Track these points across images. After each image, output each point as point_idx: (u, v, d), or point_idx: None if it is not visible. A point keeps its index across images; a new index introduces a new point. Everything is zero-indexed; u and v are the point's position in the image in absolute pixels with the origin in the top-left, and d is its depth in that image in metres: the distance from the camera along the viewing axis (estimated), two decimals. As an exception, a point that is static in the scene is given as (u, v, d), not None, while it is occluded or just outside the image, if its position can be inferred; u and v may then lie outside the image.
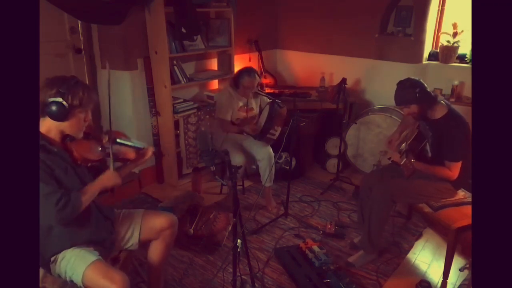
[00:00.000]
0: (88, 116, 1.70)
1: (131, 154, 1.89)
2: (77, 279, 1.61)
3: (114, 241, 1.85)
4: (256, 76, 3.13)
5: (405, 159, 2.24)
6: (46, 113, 1.59)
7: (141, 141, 1.96)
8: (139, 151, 1.91)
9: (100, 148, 1.77)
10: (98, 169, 1.83)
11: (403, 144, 2.40)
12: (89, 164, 1.75)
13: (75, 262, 1.64)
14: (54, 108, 1.57)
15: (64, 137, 1.69)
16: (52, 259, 1.68)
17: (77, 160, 1.70)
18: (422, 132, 2.48)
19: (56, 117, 1.60)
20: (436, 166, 2.33)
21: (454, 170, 2.28)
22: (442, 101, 2.36)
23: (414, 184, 2.40)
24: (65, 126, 1.65)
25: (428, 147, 2.51)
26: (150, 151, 1.95)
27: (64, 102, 1.57)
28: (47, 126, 1.64)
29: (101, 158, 1.78)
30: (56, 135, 1.67)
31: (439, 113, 2.32)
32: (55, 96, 1.56)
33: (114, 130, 1.87)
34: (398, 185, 2.43)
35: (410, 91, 2.28)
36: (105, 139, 1.82)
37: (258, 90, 3.29)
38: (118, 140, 1.85)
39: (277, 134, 3.10)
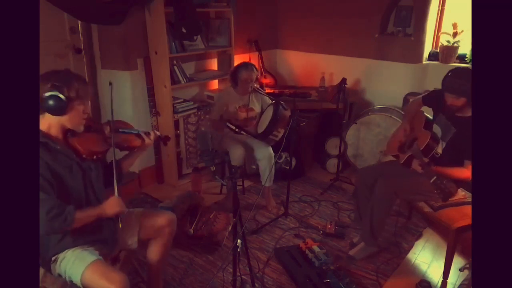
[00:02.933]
0: (87, 108, 1.68)
1: (136, 142, 1.90)
2: (77, 280, 1.61)
3: (116, 240, 1.85)
4: (254, 69, 3.09)
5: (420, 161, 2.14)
6: (45, 108, 1.56)
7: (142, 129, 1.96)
8: (143, 137, 1.92)
9: (103, 139, 1.76)
10: (104, 163, 1.84)
11: (415, 148, 2.33)
12: (95, 157, 1.74)
13: (74, 262, 1.63)
14: (51, 102, 1.54)
15: (66, 132, 1.68)
16: (53, 258, 1.68)
17: (82, 154, 1.68)
18: (434, 134, 2.38)
19: (54, 111, 1.57)
20: (454, 168, 2.26)
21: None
22: None
23: (415, 180, 2.39)
24: (65, 120, 1.63)
25: (440, 146, 2.40)
26: (153, 134, 1.95)
27: (61, 95, 1.55)
28: (47, 123, 1.62)
29: (106, 149, 1.77)
30: (58, 131, 1.66)
31: (470, 111, 2.23)
32: (50, 90, 1.53)
33: (116, 120, 1.86)
34: (400, 180, 2.43)
35: (468, 84, 2.12)
36: (107, 130, 1.81)
37: (260, 90, 3.28)
38: (120, 129, 1.86)
39: (279, 136, 3.09)
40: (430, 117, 2.57)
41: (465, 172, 2.27)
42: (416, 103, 2.65)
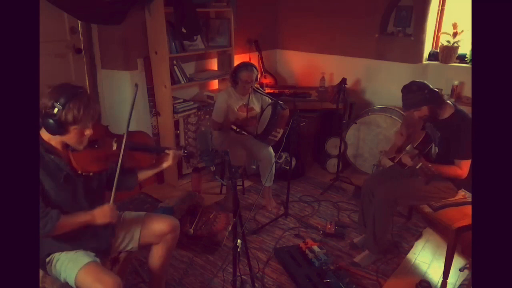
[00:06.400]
0: (89, 131, 1.60)
1: (147, 161, 1.79)
2: (71, 281, 1.61)
3: (111, 246, 1.83)
4: (254, 69, 3.06)
5: (421, 164, 2.18)
6: (42, 124, 1.53)
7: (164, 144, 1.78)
8: (158, 156, 1.81)
9: (105, 158, 1.67)
10: (101, 177, 1.77)
11: (409, 146, 2.37)
12: (91, 174, 1.67)
13: (68, 264, 1.63)
14: (47, 121, 1.51)
15: (66, 145, 1.63)
16: (48, 259, 1.67)
17: (77, 170, 1.63)
18: (428, 134, 2.44)
19: (49, 131, 1.55)
20: (445, 165, 2.31)
21: (464, 168, 2.26)
22: (448, 101, 2.36)
23: (416, 185, 2.39)
24: (64, 138, 1.59)
25: (433, 149, 2.48)
26: (171, 157, 1.81)
27: (58, 117, 1.50)
28: (49, 135, 1.59)
29: (105, 169, 1.69)
30: (57, 143, 1.62)
31: (447, 112, 2.31)
32: (50, 109, 1.50)
33: (134, 130, 1.72)
34: (400, 187, 2.43)
35: (418, 94, 2.24)
36: (114, 146, 1.71)
37: (259, 89, 3.28)
38: (132, 145, 1.73)
39: (278, 136, 3.09)
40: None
41: (454, 170, 2.29)
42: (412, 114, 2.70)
